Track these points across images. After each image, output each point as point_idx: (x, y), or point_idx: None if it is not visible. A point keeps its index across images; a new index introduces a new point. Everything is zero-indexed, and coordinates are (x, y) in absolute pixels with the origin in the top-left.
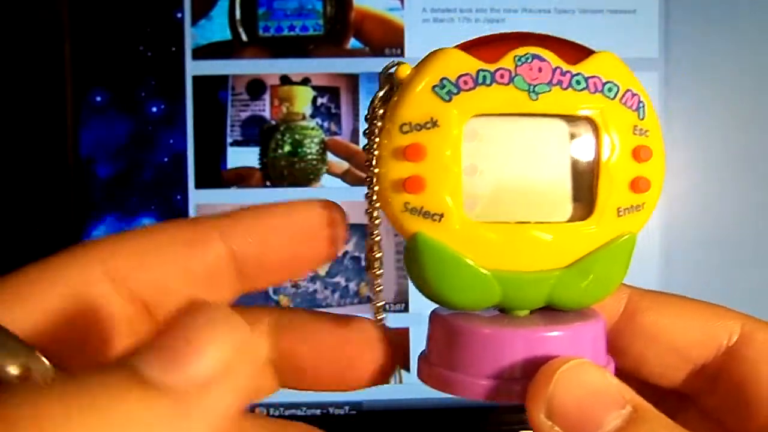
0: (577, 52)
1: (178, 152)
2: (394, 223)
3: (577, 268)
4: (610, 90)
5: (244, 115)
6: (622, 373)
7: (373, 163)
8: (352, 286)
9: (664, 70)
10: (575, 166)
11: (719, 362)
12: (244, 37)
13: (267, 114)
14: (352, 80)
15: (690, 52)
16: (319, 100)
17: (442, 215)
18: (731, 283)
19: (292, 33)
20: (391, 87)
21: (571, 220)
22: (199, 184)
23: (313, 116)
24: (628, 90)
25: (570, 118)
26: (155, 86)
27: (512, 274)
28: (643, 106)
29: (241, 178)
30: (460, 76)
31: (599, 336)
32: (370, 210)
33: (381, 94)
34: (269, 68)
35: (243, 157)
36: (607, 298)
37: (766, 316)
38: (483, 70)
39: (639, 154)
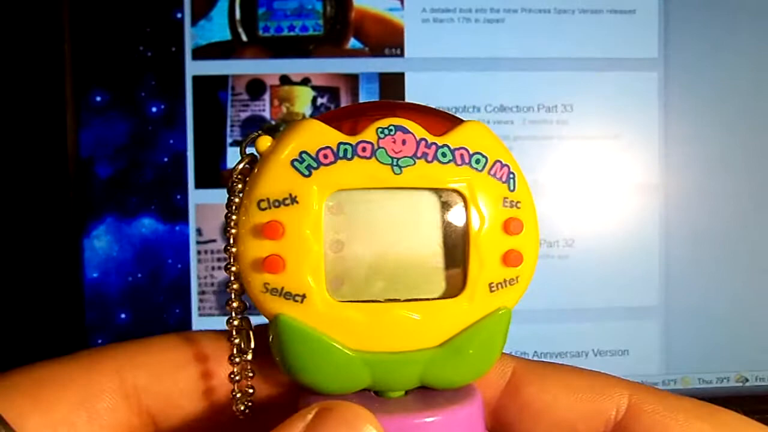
0: (444, 123)
1: (178, 152)
2: (256, 304)
3: (449, 347)
4: (477, 162)
5: (244, 115)
6: None
7: (231, 241)
8: None
9: (664, 70)
10: (445, 241)
11: None
12: (244, 38)
13: (267, 114)
14: (352, 80)
15: (690, 52)
16: (319, 101)
17: (303, 296)
18: (731, 283)
19: (292, 33)
20: (253, 159)
21: (442, 297)
22: (199, 184)
23: (313, 116)
24: (496, 161)
25: (438, 191)
26: (155, 86)
27: (381, 355)
28: (513, 177)
29: None
30: (320, 150)
31: (475, 416)
32: (230, 299)
33: (241, 166)
34: (269, 68)
35: None
36: (490, 372)
37: (766, 316)
38: (344, 143)
39: (509, 227)
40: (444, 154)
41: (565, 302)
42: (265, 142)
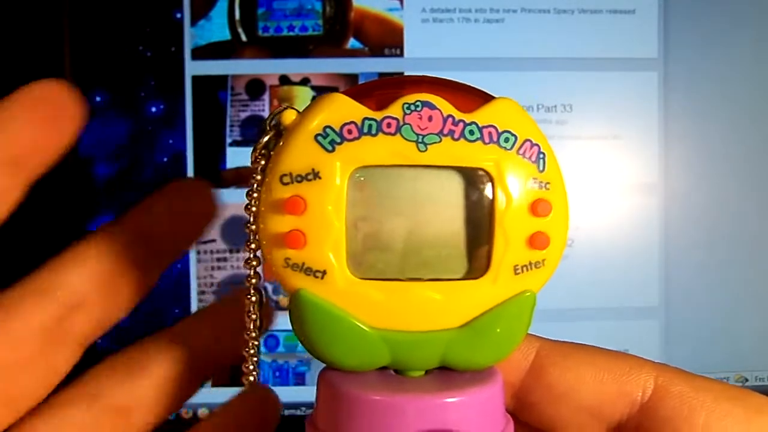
0: (474, 99)
1: (177, 152)
2: (277, 279)
3: (471, 329)
4: (506, 140)
5: (243, 115)
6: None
7: (251, 219)
8: None
9: (664, 70)
10: (469, 220)
11: (635, 420)
12: (243, 38)
13: (266, 114)
14: (352, 80)
15: (690, 52)
16: None
17: (324, 272)
18: (731, 283)
19: (291, 33)
20: (278, 134)
21: (465, 278)
22: None
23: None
24: (526, 140)
25: (464, 170)
26: (155, 86)
27: (401, 334)
28: (544, 157)
29: (241, 178)
30: (345, 125)
31: (495, 398)
32: (249, 270)
33: (264, 140)
34: (269, 68)
35: (242, 157)
36: (514, 352)
37: (767, 317)
38: (369, 119)
39: (537, 208)
40: (471, 132)
41: (564, 302)
42: (290, 115)
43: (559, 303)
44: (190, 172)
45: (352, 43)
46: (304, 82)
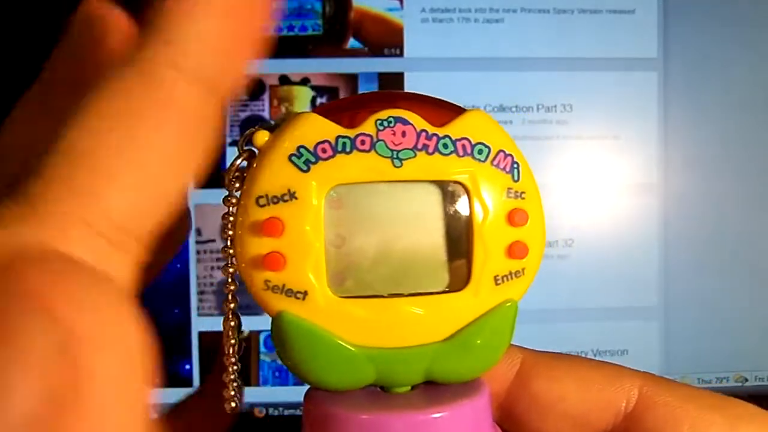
0: (445, 113)
1: None
2: (258, 302)
3: (455, 341)
4: (480, 152)
5: (243, 115)
6: None
7: (228, 243)
8: None
9: (664, 70)
10: (448, 233)
11: (620, 430)
12: None
13: (266, 114)
14: (352, 80)
15: (690, 52)
16: (319, 101)
17: (305, 293)
18: (730, 283)
19: (291, 33)
20: (251, 156)
21: (446, 291)
22: (198, 184)
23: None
24: (500, 151)
25: (440, 183)
26: None
27: (385, 351)
28: (518, 167)
29: None
30: (318, 144)
31: (482, 410)
32: (226, 294)
33: (237, 163)
34: (268, 68)
35: None
36: (499, 363)
37: (767, 317)
38: (342, 137)
39: (514, 218)
40: (445, 146)
41: (564, 302)
42: (262, 137)
43: (559, 303)
44: None
45: (352, 43)
46: (304, 82)
